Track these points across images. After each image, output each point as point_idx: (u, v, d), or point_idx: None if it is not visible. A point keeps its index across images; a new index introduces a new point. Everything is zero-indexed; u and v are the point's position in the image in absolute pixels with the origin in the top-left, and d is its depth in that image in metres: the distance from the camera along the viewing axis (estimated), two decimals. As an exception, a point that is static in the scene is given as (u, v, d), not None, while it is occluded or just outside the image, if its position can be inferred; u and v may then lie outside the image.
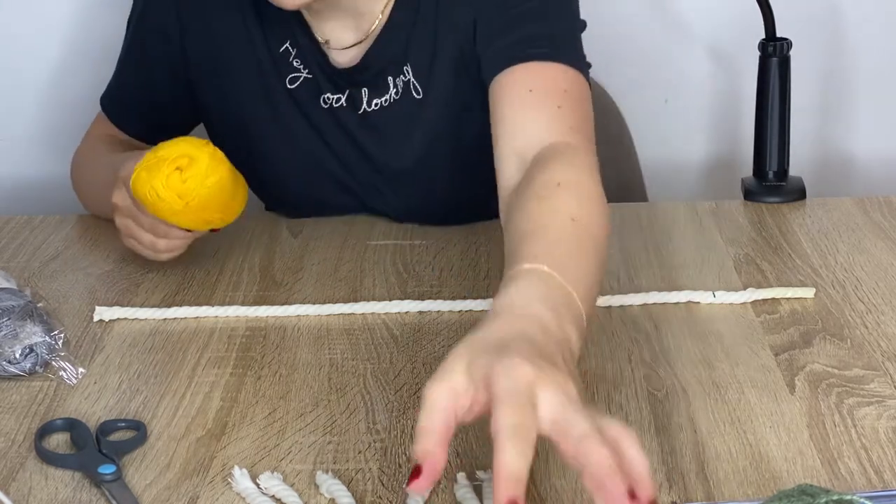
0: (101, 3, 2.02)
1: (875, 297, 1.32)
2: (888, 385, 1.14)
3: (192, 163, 1.30)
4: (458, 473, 1.01)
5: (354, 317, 1.30)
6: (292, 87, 1.50)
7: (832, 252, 1.44)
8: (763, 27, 1.64)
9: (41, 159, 2.05)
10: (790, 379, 1.16)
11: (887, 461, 1.03)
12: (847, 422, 1.08)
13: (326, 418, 1.11)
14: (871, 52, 2.02)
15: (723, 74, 2.03)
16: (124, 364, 1.22)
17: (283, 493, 0.99)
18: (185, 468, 1.04)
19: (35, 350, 1.19)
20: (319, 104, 1.50)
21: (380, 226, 1.54)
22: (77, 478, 1.04)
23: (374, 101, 1.48)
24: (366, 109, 1.48)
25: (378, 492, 1.00)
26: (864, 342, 1.23)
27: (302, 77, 1.49)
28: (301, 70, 1.49)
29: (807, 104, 2.01)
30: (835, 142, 2.06)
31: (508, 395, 0.88)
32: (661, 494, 0.99)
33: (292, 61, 1.49)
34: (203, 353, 1.24)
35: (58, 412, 1.14)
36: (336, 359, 1.22)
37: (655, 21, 2.02)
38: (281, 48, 1.49)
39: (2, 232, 1.56)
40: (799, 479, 1.01)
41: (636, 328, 1.26)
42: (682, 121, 2.05)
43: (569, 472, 1.02)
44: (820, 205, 1.59)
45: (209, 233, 1.39)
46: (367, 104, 1.48)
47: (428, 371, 1.19)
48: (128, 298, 1.37)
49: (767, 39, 1.64)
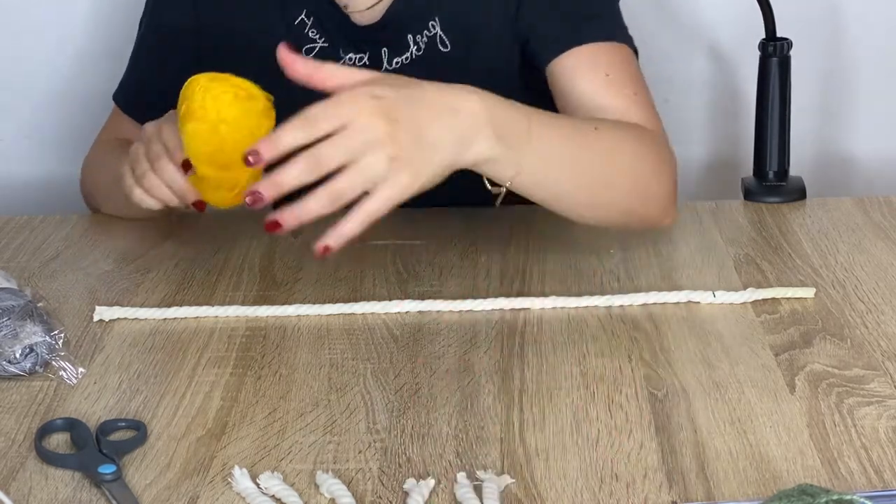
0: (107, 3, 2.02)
1: (875, 297, 1.32)
2: (888, 385, 1.14)
3: (250, 98, 1.24)
4: (459, 473, 1.01)
5: (354, 317, 1.30)
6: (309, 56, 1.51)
7: (832, 252, 1.44)
8: (763, 27, 1.64)
9: (40, 159, 2.05)
10: (790, 379, 1.16)
11: (887, 461, 1.03)
12: (847, 421, 1.08)
13: (326, 418, 1.11)
14: (871, 52, 2.02)
15: (723, 74, 2.03)
16: (124, 364, 1.22)
17: (283, 493, 0.99)
18: (186, 468, 1.04)
19: (35, 350, 1.19)
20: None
21: (380, 226, 1.54)
22: (77, 478, 1.04)
23: (395, 59, 1.50)
24: (387, 68, 1.49)
25: (378, 491, 1.00)
26: (864, 342, 1.23)
27: (318, 47, 1.49)
28: (317, 40, 1.49)
29: (807, 104, 2.01)
30: (835, 142, 2.06)
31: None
32: (661, 494, 0.99)
33: (307, 32, 1.50)
34: (203, 353, 1.24)
35: (58, 412, 1.14)
36: (336, 359, 1.22)
37: (655, 21, 2.01)
38: (296, 20, 1.50)
39: (2, 232, 1.56)
40: (799, 478, 1.01)
41: (636, 328, 1.26)
42: (682, 121, 2.04)
43: (569, 472, 1.02)
44: (820, 205, 1.59)
45: (194, 210, 1.30)
46: (387, 62, 1.49)
47: (428, 371, 1.19)
48: (128, 298, 1.37)
49: (767, 39, 1.64)
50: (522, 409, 1.12)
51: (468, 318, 1.30)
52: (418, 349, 1.23)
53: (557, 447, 1.06)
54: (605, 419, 1.10)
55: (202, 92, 1.23)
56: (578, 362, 1.20)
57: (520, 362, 1.20)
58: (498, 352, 1.22)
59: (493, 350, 1.23)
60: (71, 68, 2.04)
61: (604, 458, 1.04)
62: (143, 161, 1.32)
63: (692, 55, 1.98)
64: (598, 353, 1.22)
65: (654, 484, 1.00)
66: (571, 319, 1.28)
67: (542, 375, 1.18)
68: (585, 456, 1.04)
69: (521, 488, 1.00)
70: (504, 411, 1.11)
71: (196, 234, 1.53)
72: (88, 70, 1.99)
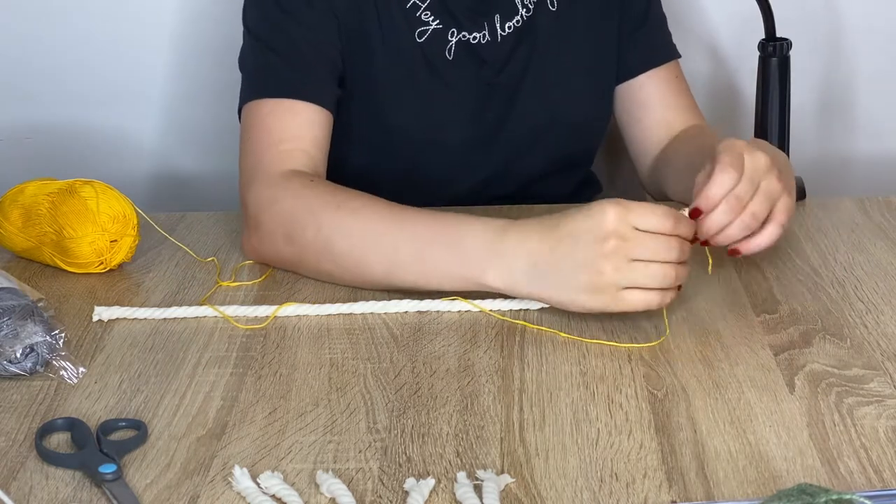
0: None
1: (875, 296, 1.33)
2: (888, 384, 1.14)
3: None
4: (459, 473, 1.01)
5: (354, 317, 1.31)
6: (421, 40, 1.53)
7: (832, 252, 1.44)
8: (763, 27, 1.64)
9: (40, 158, 2.05)
10: (790, 378, 1.16)
11: (887, 461, 1.03)
12: (847, 421, 1.08)
13: (326, 418, 1.11)
14: (870, 52, 2.02)
15: (723, 74, 2.03)
16: (125, 363, 1.22)
17: (283, 493, 1.00)
18: (186, 467, 1.05)
19: (36, 350, 1.19)
20: (445, 55, 1.54)
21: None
22: (77, 477, 1.04)
23: (507, 24, 1.56)
24: (501, 34, 1.55)
25: (378, 491, 1.00)
26: (864, 342, 1.23)
27: (430, 29, 1.52)
28: (430, 22, 1.52)
29: (807, 104, 2.01)
30: (835, 142, 2.06)
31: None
32: (661, 494, 0.99)
33: (420, 15, 1.52)
34: (203, 353, 1.24)
35: (58, 412, 1.14)
36: (336, 359, 1.22)
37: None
38: (409, 3, 1.52)
39: (2, 232, 1.56)
40: (798, 478, 1.01)
41: (636, 328, 1.26)
42: (682, 121, 2.04)
43: (569, 471, 1.02)
44: (820, 205, 1.59)
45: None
46: (500, 29, 1.55)
47: (428, 371, 1.19)
48: (128, 298, 1.37)
49: (767, 39, 1.64)
50: (522, 409, 1.12)
51: (468, 317, 1.30)
52: (418, 349, 1.24)
53: (557, 447, 1.06)
54: (605, 419, 1.10)
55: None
56: (578, 362, 1.20)
57: (520, 362, 1.20)
58: (498, 352, 1.22)
59: (493, 350, 1.23)
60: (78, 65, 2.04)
61: (604, 457, 1.04)
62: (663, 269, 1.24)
63: (692, 55, 1.98)
64: (598, 353, 1.22)
65: (654, 483, 1.00)
66: (571, 319, 1.28)
67: (542, 375, 1.18)
68: (585, 455, 1.04)
69: (521, 488, 1.00)
70: (504, 411, 1.12)
71: (196, 234, 1.53)
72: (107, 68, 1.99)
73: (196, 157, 2.03)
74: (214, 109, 1.96)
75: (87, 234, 1.39)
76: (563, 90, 1.60)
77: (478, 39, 1.55)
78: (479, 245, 1.27)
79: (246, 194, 1.41)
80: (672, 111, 1.64)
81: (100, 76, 1.98)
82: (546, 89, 1.59)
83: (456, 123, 1.56)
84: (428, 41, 1.53)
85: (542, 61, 1.58)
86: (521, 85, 1.58)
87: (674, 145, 1.60)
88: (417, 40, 1.53)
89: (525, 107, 1.58)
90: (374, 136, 1.55)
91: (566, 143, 1.63)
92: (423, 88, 1.54)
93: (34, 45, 1.97)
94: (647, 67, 1.64)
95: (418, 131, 1.55)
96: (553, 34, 1.58)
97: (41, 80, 1.98)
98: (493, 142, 1.58)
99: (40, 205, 1.42)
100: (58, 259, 1.42)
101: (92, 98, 1.99)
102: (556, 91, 1.59)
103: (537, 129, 1.59)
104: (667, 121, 1.64)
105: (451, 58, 1.54)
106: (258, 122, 1.45)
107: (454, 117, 1.56)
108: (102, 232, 1.39)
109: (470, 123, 1.57)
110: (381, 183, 1.37)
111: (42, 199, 1.43)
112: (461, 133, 1.57)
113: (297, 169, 1.42)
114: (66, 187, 1.42)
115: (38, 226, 1.42)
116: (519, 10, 1.56)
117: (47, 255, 1.43)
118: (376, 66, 1.53)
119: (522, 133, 1.59)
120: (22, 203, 1.44)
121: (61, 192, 1.41)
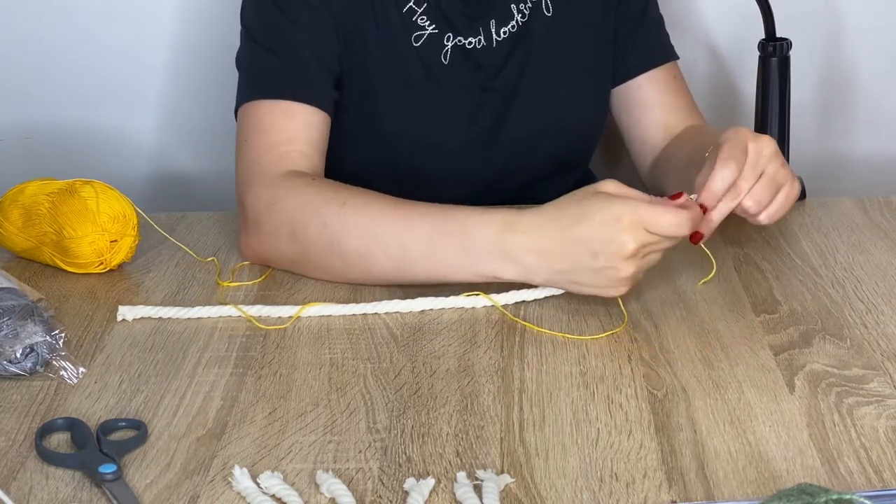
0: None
1: (875, 296, 1.33)
2: (888, 385, 1.14)
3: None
4: (459, 473, 1.01)
5: (354, 317, 1.31)
6: (417, 44, 1.53)
7: (832, 252, 1.44)
8: (763, 27, 1.64)
9: (40, 158, 2.05)
10: (790, 378, 1.16)
11: (887, 461, 1.03)
12: (846, 421, 1.08)
13: (326, 418, 1.11)
14: (870, 51, 2.02)
15: (722, 74, 2.03)
16: (125, 363, 1.22)
17: (283, 493, 1.00)
18: (186, 467, 1.05)
19: (36, 350, 1.19)
20: (441, 60, 1.54)
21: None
22: (77, 477, 1.04)
23: (502, 29, 1.55)
24: (496, 40, 1.55)
25: (378, 491, 1.00)
26: (864, 342, 1.23)
27: (426, 34, 1.52)
28: (426, 26, 1.51)
29: (807, 104, 2.01)
30: (835, 142, 2.06)
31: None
32: (661, 494, 0.99)
33: (416, 20, 1.52)
34: (203, 353, 1.24)
35: (58, 411, 1.14)
36: (336, 359, 1.22)
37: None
38: (405, 8, 1.52)
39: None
40: (798, 478, 1.01)
41: (636, 328, 1.26)
42: (682, 121, 2.04)
43: (569, 471, 1.02)
44: (820, 205, 1.59)
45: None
46: (496, 34, 1.55)
47: (428, 371, 1.19)
48: (128, 298, 1.37)
49: (767, 39, 1.64)
50: (522, 409, 1.12)
51: (468, 317, 1.30)
52: (418, 349, 1.24)
53: (557, 447, 1.06)
54: (605, 419, 1.10)
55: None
56: (578, 362, 1.20)
57: (520, 362, 1.20)
58: (498, 352, 1.22)
59: (493, 350, 1.23)
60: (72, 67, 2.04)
61: (603, 457, 1.04)
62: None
63: (692, 55, 1.98)
64: (598, 353, 1.22)
65: (654, 483, 1.00)
66: (571, 319, 1.28)
67: (542, 375, 1.18)
68: (585, 455, 1.04)
69: (521, 488, 1.00)
70: (504, 411, 1.12)
71: (196, 234, 1.53)
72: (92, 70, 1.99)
73: (196, 157, 2.03)
74: (214, 109, 1.96)
75: (87, 234, 1.39)
76: (560, 94, 1.60)
77: (473, 44, 1.55)
78: (487, 240, 1.27)
79: (244, 195, 1.41)
80: (671, 112, 1.65)
81: (100, 76, 1.98)
82: (542, 93, 1.59)
83: (452, 127, 1.56)
84: (424, 46, 1.53)
85: (537, 66, 1.58)
86: (518, 89, 1.58)
87: (673, 145, 1.60)
88: (414, 44, 1.53)
89: (521, 110, 1.58)
90: (371, 140, 1.55)
91: (563, 145, 1.63)
92: (419, 92, 1.54)
93: (34, 45, 1.96)
94: (645, 68, 1.64)
95: (415, 135, 1.55)
96: (548, 39, 1.59)
97: (41, 80, 1.98)
98: (490, 145, 1.58)
99: (40, 205, 1.42)
100: (58, 259, 1.42)
101: (92, 98, 1.99)
102: (552, 95, 1.59)
103: (534, 132, 1.59)
104: (666, 121, 1.64)
105: (447, 62, 1.54)
106: (255, 123, 1.45)
107: (450, 121, 1.56)
108: (102, 232, 1.39)
109: (466, 127, 1.57)
110: (378, 186, 1.37)
111: (42, 199, 1.43)
112: (458, 137, 1.57)
113: (296, 169, 1.42)
114: (66, 187, 1.42)
115: (38, 226, 1.42)
116: (514, 16, 1.56)
117: (47, 255, 1.43)
118: (373, 70, 1.53)
119: (519, 136, 1.59)
120: (22, 203, 1.44)
121: (61, 192, 1.42)
